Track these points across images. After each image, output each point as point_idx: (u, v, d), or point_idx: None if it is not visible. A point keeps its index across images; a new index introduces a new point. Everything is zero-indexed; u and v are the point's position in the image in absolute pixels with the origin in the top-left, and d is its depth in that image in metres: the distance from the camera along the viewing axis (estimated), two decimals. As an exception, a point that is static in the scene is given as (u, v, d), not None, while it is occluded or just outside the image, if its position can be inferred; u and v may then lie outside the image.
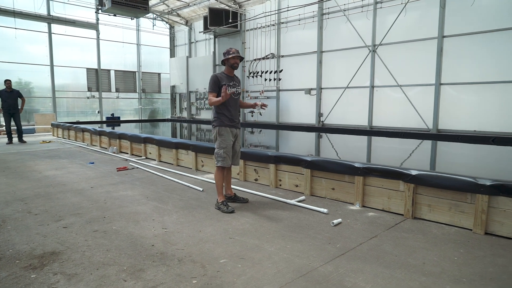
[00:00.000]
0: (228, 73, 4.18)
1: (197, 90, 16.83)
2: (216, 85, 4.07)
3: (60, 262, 2.70)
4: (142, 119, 17.66)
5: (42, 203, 4.27)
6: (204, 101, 16.55)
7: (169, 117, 18.58)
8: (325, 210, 3.86)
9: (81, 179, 5.64)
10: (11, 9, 13.16)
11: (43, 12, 14.12)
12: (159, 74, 18.41)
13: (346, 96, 11.49)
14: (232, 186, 4.83)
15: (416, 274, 2.50)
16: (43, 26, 14.26)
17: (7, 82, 10.02)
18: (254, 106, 4.44)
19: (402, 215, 3.75)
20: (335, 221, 3.50)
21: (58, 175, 5.91)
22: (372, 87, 10.82)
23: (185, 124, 16.83)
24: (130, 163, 7.01)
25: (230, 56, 4.08)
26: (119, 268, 2.60)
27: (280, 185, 5.00)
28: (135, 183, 5.37)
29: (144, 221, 3.61)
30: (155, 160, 7.36)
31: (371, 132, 10.84)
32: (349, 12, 11.02)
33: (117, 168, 6.45)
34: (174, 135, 12.91)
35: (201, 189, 4.90)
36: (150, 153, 7.62)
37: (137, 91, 17.61)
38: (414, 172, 3.64)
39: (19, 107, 10.24)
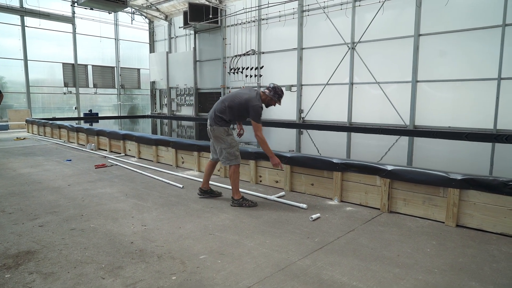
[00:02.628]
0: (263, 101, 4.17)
1: (178, 86, 16.67)
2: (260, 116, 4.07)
3: (36, 261, 2.65)
4: (121, 115, 17.36)
5: (17, 202, 4.16)
6: (185, 97, 16.40)
7: (149, 113, 18.34)
8: (304, 206, 3.92)
9: (58, 176, 5.51)
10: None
11: (16, 4, 13.64)
12: (138, 69, 18.13)
13: (326, 93, 11.63)
14: (212, 183, 4.86)
15: (390, 266, 2.58)
16: (16, 18, 13.78)
17: None
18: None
19: (379, 209, 3.85)
20: (314, 216, 3.56)
21: (33, 173, 5.76)
22: (351, 84, 10.99)
23: (165, 121, 16.66)
24: (108, 160, 6.89)
25: (279, 98, 4.18)
26: (97, 266, 2.57)
27: (261, 181, 5.04)
28: (114, 180, 5.30)
29: (123, 219, 3.58)
30: (134, 157, 7.26)
31: (350, 128, 11.03)
32: (329, 10, 11.13)
33: (95, 166, 6.33)
34: (154, 131, 12.76)
35: (181, 185, 4.88)
36: (129, 150, 7.51)
37: (116, 87, 17.29)
38: (389, 168, 3.74)
39: None
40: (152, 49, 18.40)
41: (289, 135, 11.46)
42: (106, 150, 8.10)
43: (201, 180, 5.19)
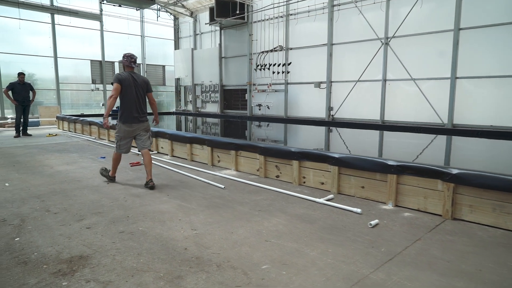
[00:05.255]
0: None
1: (202, 83, 16.57)
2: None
3: (90, 267, 2.52)
4: (147, 112, 17.40)
5: (60, 201, 4.08)
6: (210, 94, 16.32)
7: (174, 110, 18.35)
8: (358, 210, 3.68)
9: (95, 174, 5.45)
10: (15, -1, 12.90)
11: (46, 2, 13.81)
12: (163, 66, 18.14)
13: (357, 90, 11.27)
14: (251, 183, 4.69)
15: (476, 283, 2.33)
16: (46, 16, 13.96)
17: (21, 75, 9.93)
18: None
19: (441, 215, 3.58)
20: (373, 222, 3.33)
21: (70, 171, 5.72)
22: (385, 80, 10.60)
23: (190, 117, 16.63)
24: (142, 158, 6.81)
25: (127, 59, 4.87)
26: (155, 274, 2.42)
27: (304, 182, 4.82)
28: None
29: (171, 221, 3.43)
30: (167, 155, 7.16)
31: (383, 126, 10.65)
32: (361, 4, 10.75)
33: (130, 163, 6.26)
34: (180, 128, 12.71)
35: (222, 186, 4.72)
36: (162, 147, 7.42)
37: (142, 84, 17.33)
38: (454, 171, 3.45)
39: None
40: (177, 46, 18.37)
41: (318, 133, 11.19)
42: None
43: (241, 180, 5.04)
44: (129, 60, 4.80)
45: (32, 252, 2.76)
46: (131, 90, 4.73)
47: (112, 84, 4.72)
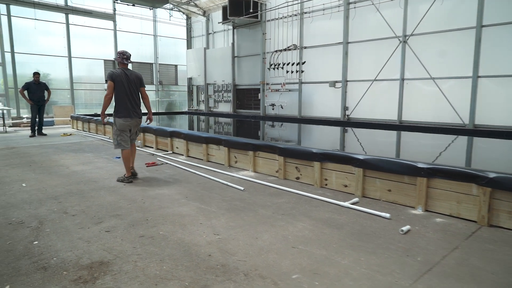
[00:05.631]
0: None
1: (215, 82, 16.49)
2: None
3: (112, 274, 2.40)
4: (160, 111, 17.42)
5: (77, 202, 4.00)
6: (223, 94, 16.22)
7: (186, 109, 18.30)
8: (387, 215, 3.50)
9: (112, 175, 5.37)
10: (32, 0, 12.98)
11: (61, 2, 13.88)
12: (175, 66, 18.12)
13: (374, 89, 11.03)
14: (271, 185, 4.56)
15: (528, 298, 2.14)
16: (61, 16, 14.03)
17: (36, 75, 9.97)
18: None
19: (475, 222, 3.38)
20: (404, 229, 3.15)
21: (86, 171, 5.65)
22: (402, 79, 10.34)
23: (202, 117, 16.57)
24: (158, 158, 6.72)
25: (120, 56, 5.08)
26: (180, 283, 2.29)
27: (326, 184, 4.65)
28: (168, 180, 5.08)
29: (192, 225, 3.31)
30: (183, 155, 7.06)
31: (401, 127, 10.40)
32: (379, 1, 10.50)
33: (146, 164, 6.17)
34: (192, 128, 12.64)
35: (242, 188, 4.58)
36: (177, 147, 7.32)
37: (154, 83, 17.35)
38: (492, 175, 3.25)
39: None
40: (189, 45, 18.33)
41: (332, 133, 10.99)
42: (153, 147, 7.97)
43: (260, 181, 4.91)
44: (121, 57, 5.00)
45: (51, 257, 2.65)
46: (124, 86, 4.95)
47: (106, 82, 4.87)
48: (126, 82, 4.97)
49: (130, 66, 5.30)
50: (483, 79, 8.92)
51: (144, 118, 5.38)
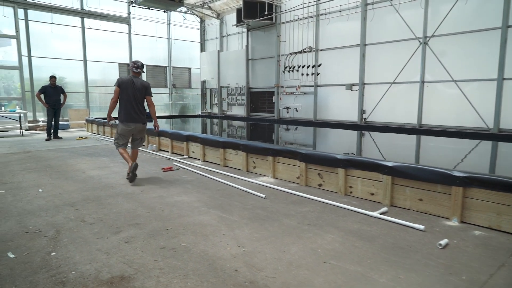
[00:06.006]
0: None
1: (229, 85, 16.39)
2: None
3: (134, 291, 2.25)
4: (173, 114, 17.39)
5: (94, 210, 3.88)
6: (236, 97, 16.10)
7: (199, 113, 18.24)
8: (421, 227, 3.29)
9: (128, 181, 5.25)
10: (49, 4, 13.09)
11: (77, 6, 13.98)
12: (189, 69, 18.08)
13: (392, 92, 10.75)
14: (293, 192, 4.37)
15: None
16: (77, 20, 14.12)
17: (53, 78, 10.00)
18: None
19: (518, 235, 3.14)
20: (442, 242, 2.93)
21: (103, 176, 5.56)
22: (422, 82, 10.04)
23: (216, 120, 16.46)
24: (174, 163, 6.60)
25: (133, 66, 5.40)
26: (207, 303, 2.13)
27: (351, 192, 4.44)
28: (187, 186, 4.93)
29: (214, 236, 3.15)
30: (199, 159, 6.93)
31: (421, 131, 10.10)
32: (398, 2, 10.24)
33: (162, 169, 6.05)
34: (206, 131, 12.53)
35: (263, 195, 4.40)
36: (193, 152, 7.19)
37: (168, 86, 17.34)
38: (537, 185, 3.01)
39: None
40: (202, 48, 18.29)
41: (349, 137, 10.74)
42: (168, 152, 7.86)
43: (280, 188, 4.75)
44: (132, 66, 5.40)
45: (70, 270, 2.52)
46: (128, 92, 5.21)
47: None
48: (131, 89, 5.23)
49: (144, 76, 5.42)
50: (509, 81, 8.58)
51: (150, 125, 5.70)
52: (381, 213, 3.73)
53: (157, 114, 5.70)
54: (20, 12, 12.78)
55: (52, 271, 2.52)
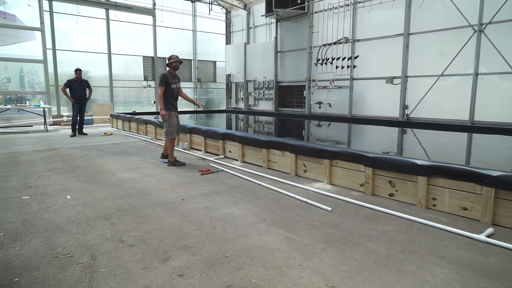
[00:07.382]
0: (172, 72, 5.93)
1: (256, 79, 15.67)
2: (164, 81, 5.80)
3: None
4: (197, 110, 16.82)
5: (133, 225, 3.26)
6: (264, 91, 15.37)
7: (224, 108, 17.61)
8: (557, 260, 2.52)
9: (165, 185, 4.64)
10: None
11: (102, -3, 13.53)
12: (214, 62, 17.46)
13: (440, 86, 9.81)
14: (364, 204, 3.64)
15: None
16: (101, 12, 13.66)
17: (78, 71, 9.54)
18: (193, 101, 6.94)
19: None
20: None
21: (135, 179, 4.96)
22: (476, 74, 9.07)
23: (241, 116, 15.80)
24: (211, 164, 5.96)
25: (172, 61, 5.83)
26: None
27: (435, 205, 3.68)
28: (232, 194, 4.27)
29: (289, 268, 2.46)
30: (237, 160, 6.27)
31: (473, 128, 9.14)
32: (449, -15, 9.26)
33: (200, 171, 5.41)
34: (230, 127, 11.89)
35: (329, 208, 3.68)
36: (230, 151, 6.54)
37: (193, 80, 16.77)
38: None
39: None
40: (228, 41, 17.61)
41: (388, 134, 9.90)
42: (201, 150, 7.24)
43: (343, 198, 4.03)
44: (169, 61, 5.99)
45: (114, 322, 1.88)
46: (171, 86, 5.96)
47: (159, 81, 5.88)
48: (172, 82, 5.99)
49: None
50: None
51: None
52: (488, 236, 2.96)
53: (180, 109, 6.55)
54: (45, 3, 12.39)
55: (91, 323, 1.89)
